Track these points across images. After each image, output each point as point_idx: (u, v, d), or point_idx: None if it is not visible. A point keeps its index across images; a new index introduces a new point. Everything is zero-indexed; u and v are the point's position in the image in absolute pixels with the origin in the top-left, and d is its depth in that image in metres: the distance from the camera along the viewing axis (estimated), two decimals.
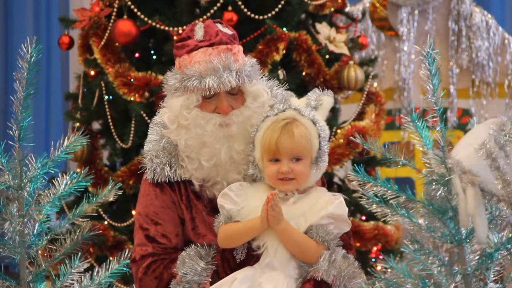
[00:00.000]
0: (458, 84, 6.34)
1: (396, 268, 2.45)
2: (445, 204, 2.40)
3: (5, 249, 2.41)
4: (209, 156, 2.72)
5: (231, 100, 2.74)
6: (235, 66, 2.71)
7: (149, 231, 2.80)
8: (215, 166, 2.73)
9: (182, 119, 2.74)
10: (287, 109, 2.70)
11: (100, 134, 4.86)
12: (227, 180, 2.74)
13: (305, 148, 2.65)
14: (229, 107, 2.73)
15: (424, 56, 2.39)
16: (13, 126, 2.40)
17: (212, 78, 2.68)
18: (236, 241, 2.66)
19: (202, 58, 2.72)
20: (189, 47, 2.76)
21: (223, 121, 2.72)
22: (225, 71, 2.68)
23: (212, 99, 2.74)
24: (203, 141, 2.72)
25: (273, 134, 2.64)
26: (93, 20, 4.59)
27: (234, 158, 2.73)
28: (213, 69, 2.69)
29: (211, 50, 2.73)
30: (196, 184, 2.77)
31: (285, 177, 2.64)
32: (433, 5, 6.30)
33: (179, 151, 2.76)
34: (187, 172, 2.76)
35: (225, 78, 2.68)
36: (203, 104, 2.74)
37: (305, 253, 2.62)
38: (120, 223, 4.61)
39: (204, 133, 2.72)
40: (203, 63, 2.70)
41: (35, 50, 2.37)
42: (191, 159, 2.75)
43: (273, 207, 2.56)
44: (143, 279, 2.79)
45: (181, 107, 2.73)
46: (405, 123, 2.46)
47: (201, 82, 2.69)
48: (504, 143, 2.35)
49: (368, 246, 4.86)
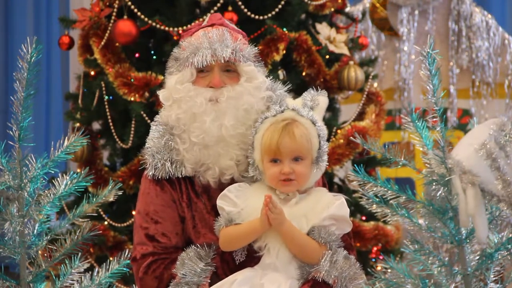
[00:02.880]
0: (458, 84, 6.34)
1: (396, 268, 2.45)
2: (445, 204, 2.40)
3: (5, 249, 2.41)
4: (198, 132, 2.72)
5: (225, 77, 2.77)
6: (232, 43, 2.75)
7: (149, 230, 2.80)
8: (205, 147, 2.72)
9: (175, 93, 2.77)
10: (285, 110, 2.70)
11: (100, 134, 4.86)
12: (219, 165, 2.73)
13: (306, 148, 2.65)
14: (222, 81, 2.75)
15: (424, 56, 2.39)
16: (13, 126, 2.40)
17: (206, 51, 2.72)
18: (238, 244, 2.66)
19: (200, 34, 2.79)
20: (192, 31, 2.83)
21: (214, 95, 2.73)
22: (221, 45, 2.73)
23: (207, 74, 2.77)
24: (193, 113, 2.73)
25: (274, 135, 2.64)
26: (93, 20, 4.59)
27: (224, 137, 2.72)
28: (209, 42, 2.74)
29: (210, 28, 2.80)
30: (188, 167, 2.76)
31: (286, 178, 2.63)
32: (433, 6, 6.30)
33: (172, 134, 2.77)
34: (179, 154, 2.76)
35: (219, 51, 2.72)
36: (197, 80, 2.77)
37: (307, 254, 2.62)
38: (120, 223, 4.61)
39: (194, 104, 2.73)
40: (200, 37, 2.76)
41: (35, 50, 2.37)
42: (183, 139, 2.75)
43: (272, 210, 2.55)
44: (144, 278, 2.79)
45: (176, 82, 2.77)
46: (405, 124, 2.46)
47: (195, 54, 2.73)
48: (504, 143, 2.35)
49: (368, 246, 4.86)
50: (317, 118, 2.72)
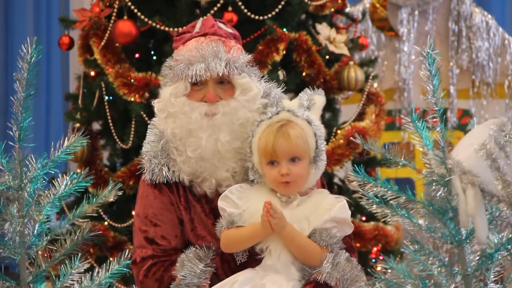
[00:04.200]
0: (458, 84, 6.34)
1: (396, 268, 2.45)
2: (445, 204, 2.40)
3: (5, 250, 2.41)
4: (195, 147, 2.71)
5: (220, 90, 2.74)
6: (225, 56, 2.72)
7: (148, 233, 2.80)
8: (201, 159, 2.71)
9: (170, 107, 2.75)
10: (281, 112, 2.69)
11: (100, 135, 4.86)
12: (216, 177, 2.73)
13: (302, 149, 2.64)
14: (216, 96, 2.72)
15: (424, 57, 2.39)
16: (13, 126, 2.40)
17: (200, 65, 2.69)
18: (240, 246, 2.66)
19: (193, 45, 2.75)
20: (184, 39, 2.79)
21: (209, 110, 2.72)
22: (214, 59, 2.70)
23: (201, 87, 2.74)
24: (188, 129, 2.72)
25: (269, 137, 2.64)
26: (93, 21, 4.59)
27: (220, 151, 2.71)
28: (202, 56, 2.70)
29: (203, 39, 2.76)
30: (186, 179, 2.76)
31: (285, 181, 2.63)
32: (433, 6, 6.30)
33: (168, 142, 2.76)
34: (176, 165, 2.76)
35: (213, 66, 2.69)
36: (191, 93, 2.74)
37: (308, 257, 2.61)
38: (120, 224, 4.61)
39: (189, 121, 2.71)
40: (193, 50, 2.72)
41: (35, 50, 2.38)
42: (179, 151, 2.74)
43: (273, 215, 2.55)
44: (144, 281, 2.79)
45: (170, 95, 2.74)
46: (405, 124, 2.47)
47: (189, 68, 2.70)
48: (504, 144, 2.35)
49: (368, 246, 4.86)
50: (313, 117, 2.71)
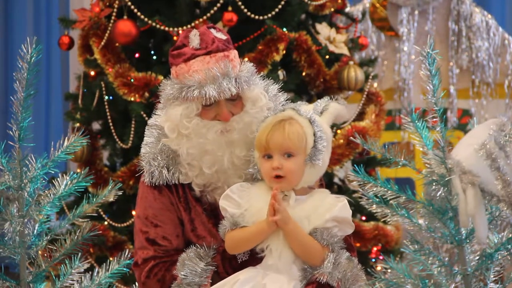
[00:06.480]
0: (458, 84, 6.34)
1: (396, 268, 2.45)
2: (445, 204, 2.40)
3: (5, 250, 2.41)
4: (211, 163, 2.72)
5: (231, 106, 2.74)
6: (233, 73, 2.72)
7: (149, 234, 2.80)
8: (216, 172, 2.73)
9: (182, 128, 2.74)
10: (286, 109, 2.70)
11: (100, 135, 4.86)
12: (228, 184, 2.73)
13: (296, 145, 2.63)
14: (230, 113, 2.73)
15: (424, 57, 2.39)
16: (13, 126, 2.40)
17: (212, 87, 2.68)
18: (245, 247, 2.65)
19: (200, 67, 2.72)
20: (185, 56, 2.75)
21: (224, 128, 2.72)
22: (225, 79, 2.69)
23: (212, 106, 2.73)
24: (205, 149, 2.72)
25: (265, 130, 2.65)
26: (93, 21, 4.59)
27: (235, 163, 2.73)
28: (213, 78, 2.69)
29: (208, 58, 2.73)
30: (197, 190, 2.77)
31: (277, 174, 2.63)
32: (433, 6, 6.30)
33: (181, 159, 2.76)
34: (188, 178, 2.76)
35: (225, 86, 2.68)
36: (203, 112, 2.74)
37: (310, 255, 2.61)
38: (120, 224, 4.61)
39: (206, 142, 2.72)
40: (202, 72, 2.70)
41: (35, 50, 2.38)
42: (192, 166, 2.75)
43: (279, 202, 2.55)
44: (146, 283, 2.79)
45: (181, 116, 2.73)
46: (405, 124, 2.47)
47: (201, 92, 2.68)
48: (504, 144, 2.35)
49: (368, 246, 4.86)
50: (319, 119, 2.71)
